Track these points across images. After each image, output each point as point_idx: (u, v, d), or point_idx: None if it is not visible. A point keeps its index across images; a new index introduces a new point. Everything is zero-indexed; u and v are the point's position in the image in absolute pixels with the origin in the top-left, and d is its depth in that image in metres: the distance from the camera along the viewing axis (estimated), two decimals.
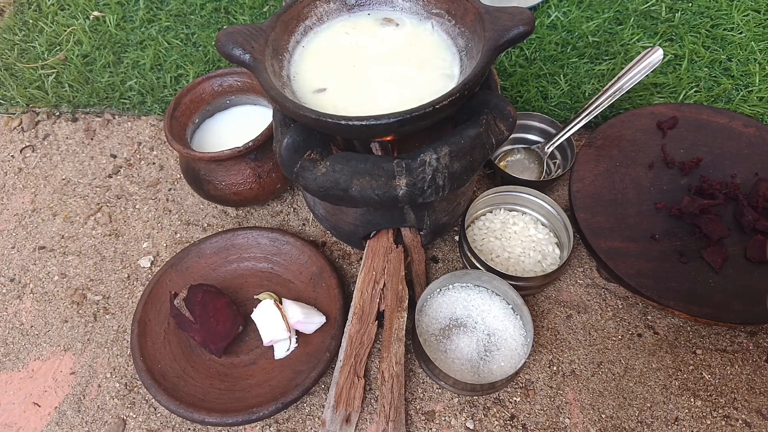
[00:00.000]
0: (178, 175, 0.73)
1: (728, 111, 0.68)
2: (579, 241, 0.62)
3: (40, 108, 0.82)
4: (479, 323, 0.55)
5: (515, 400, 0.54)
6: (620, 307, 0.60)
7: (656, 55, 0.62)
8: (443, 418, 0.53)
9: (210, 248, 0.62)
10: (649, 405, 0.53)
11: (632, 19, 0.84)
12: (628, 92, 0.66)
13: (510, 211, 0.63)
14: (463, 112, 0.48)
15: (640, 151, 0.65)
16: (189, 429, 0.54)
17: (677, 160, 0.63)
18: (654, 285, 0.54)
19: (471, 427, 0.52)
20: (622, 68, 0.77)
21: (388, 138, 0.49)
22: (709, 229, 0.57)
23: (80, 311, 0.62)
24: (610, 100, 0.64)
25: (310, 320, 0.55)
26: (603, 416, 0.53)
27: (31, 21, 0.92)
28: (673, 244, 0.57)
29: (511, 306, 0.56)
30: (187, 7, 0.91)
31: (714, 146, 0.65)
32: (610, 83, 0.64)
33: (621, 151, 0.64)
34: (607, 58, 0.80)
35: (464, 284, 0.57)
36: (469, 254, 0.57)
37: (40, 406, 0.56)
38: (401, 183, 0.44)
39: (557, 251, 0.60)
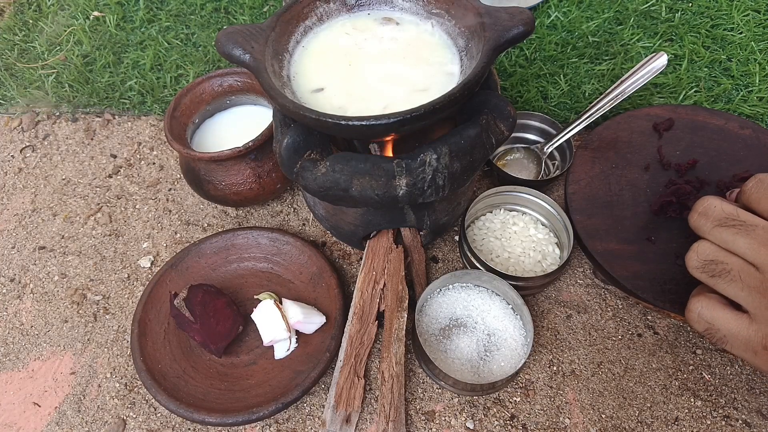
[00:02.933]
0: (178, 175, 0.74)
1: (724, 112, 0.68)
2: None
3: (40, 108, 0.82)
4: (479, 323, 0.55)
5: (515, 400, 0.54)
6: (620, 307, 0.60)
7: (660, 61, 0.62)
8: (443, 418, 0.53)
9: (210, 248, 0.62)
10: (649, 405, 0.53)
11: (632, 19, 0.84)
12: None
13: (510, 211, 0.64)
14: (463, 112, 0.48)
15: (635, 152, 0.65)
16: (189, 429, 0.54)
17: (673, 162, 0.63)
18: (650, 287, 0.54)
19: (471, 427, 0.52)
20: (623, 68, 0.78)
21: (389, 138, 0.49)
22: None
23: (80, 311, 0.62)
24: (612, 103, 0.64)
25: (310, 320, 0.55)
26: (603, 416, 0.53)
27: (31, 21, 0.92)
28: (669, 246, 0.57)
29: (511, 306, 0.56)
30: (187, 7, 0.91)
31: (710, 148, 0.65)
32: (612, 87, 0.64)
33: (617, 152, 0.64)
34: (607, 58, 0.80)
35: (464, 284, 0.57)
36: (469, 254, 0.57)
37: (40, 406, 0.56)
38: (401, 183, 0.44)
39: (557, 251, 0.60)
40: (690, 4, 0.86)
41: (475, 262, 0.57)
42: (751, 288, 0.40)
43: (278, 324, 0.54)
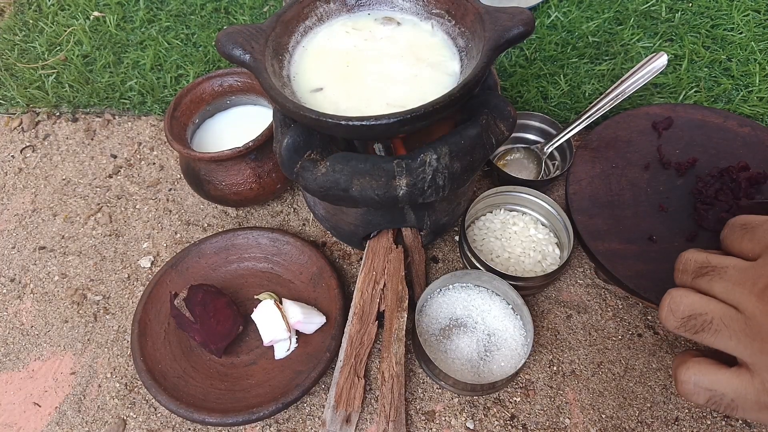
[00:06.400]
0: (178, 175, 0.74)
1: (723, 111, 0.68)
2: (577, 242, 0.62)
3: (40, 108, 0.82)
4: (479, 323, 0.55)
5: (515, 400, 0.54)
6: (620, 307, 0.60)
7: (660, 61, 0.62)
8: (443, 418, 0.53)
9: (210, 248, 0.62)
10: (649, 405, 0.54)
11: (632, 19, 0.84)
12: None
13: (510, 211, 0.64)
14: (463, 112, 0.48)
15: (635, 152, 0.65)
16: (189, 429, 0.54)
17: (673, 160, 0.64)
18: (653, 287, 0.54)
19: (471, 427, 0.52)
20: (623, 68, 0.78)
21: (389, 138, 0.49)
22: None
23: (80, 311, 0.62)
24: (612, 103, 0.64)
25: (310, 320, 0.55)
26: (603, 416, 0.53)
27: (31, 21, 0.92)
28: (671, 245, 0.57)
29: (511, 306, 0.56)
30: (187, 7, 0.91)
31: (709, 146, 0.65)
32: (612, 87, 0.64)
33: (617, 152, 0.65)
34: (607, 58, 0.80)
35: (464, 284, 0.57)
36: (469, 254, 0.57)
37: (40, 406, 0.56)
38: (401, 183, 0.44)
39: (557, 251, 0.60)
40: (690, 4, 0.86)
41: (475, 262, 0.57)
42: (738, 333, 0.35)
43: (278, 324, 0.54)
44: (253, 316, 0.55)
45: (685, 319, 0.38)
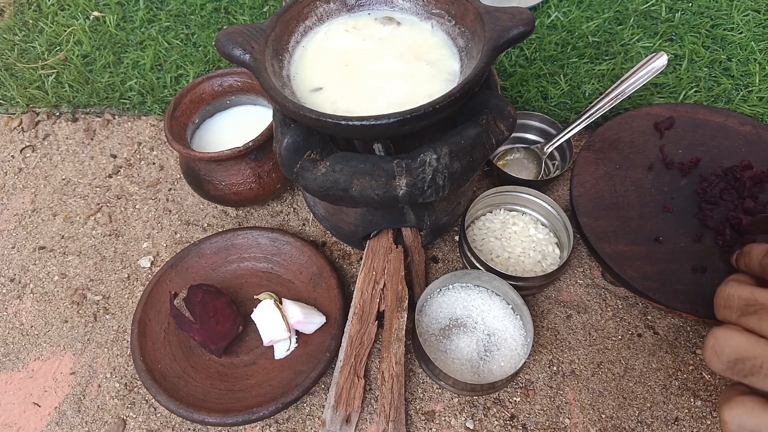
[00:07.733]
0: (178, 175, 0.74)
1: (724, 110, 0.68)
2: (579, 242, 0.61)
3: (40, 108, 0.82)
4: (479, 323, 0.55)
5: (515, 400, 0.54)
6: (620, 307, 0.60)
7: (660, 61, 0.62)
8: (443, 418, 0.53)
9: (210, 248, 0.62)
10: (649, 405, 0.53)
11: (632, 19, 0.84)
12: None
13: (510, 211, 0.64)
14: (463, 112, 0.48)
15: (638, 152, 0.65)
16: (189, 429, 0.54)
17: (676, 160, 0.63)
18: (660, 288, 0.54)
19: (471, 427, 0.52)
20: (623, 68, 0.78)
21: (389, 138, 0.49)
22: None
23: (80, 311, 0.62)
24: (612, 103, 0.64)
25: (310, 320, 0.55)
26: (603, 416, 0.53)
27: (31, 21, 0.92)
28: (678, 245, 0.57)
29: (511, 306, 0.56)
30: (187, 7, 0.91)
31: (711, 145, 0.65)
32: (612, 87, 0.64)
33: (620, 153, 0.64)
34: (607, 58, 0.80)
35: (464, 284, 0.57)
36: (469, 254, 0.57)
37: (40, 406, 0.56)
38: (401, 183, 0.44)
39: (557, 251, 0.60)
40: (690, 4, 0.86)
41: (475, 262, 0.57)
42: None
43: (278, 324, 0.54)
44: (253, 316, 0.55)
45: (731, 362, 0.36)
